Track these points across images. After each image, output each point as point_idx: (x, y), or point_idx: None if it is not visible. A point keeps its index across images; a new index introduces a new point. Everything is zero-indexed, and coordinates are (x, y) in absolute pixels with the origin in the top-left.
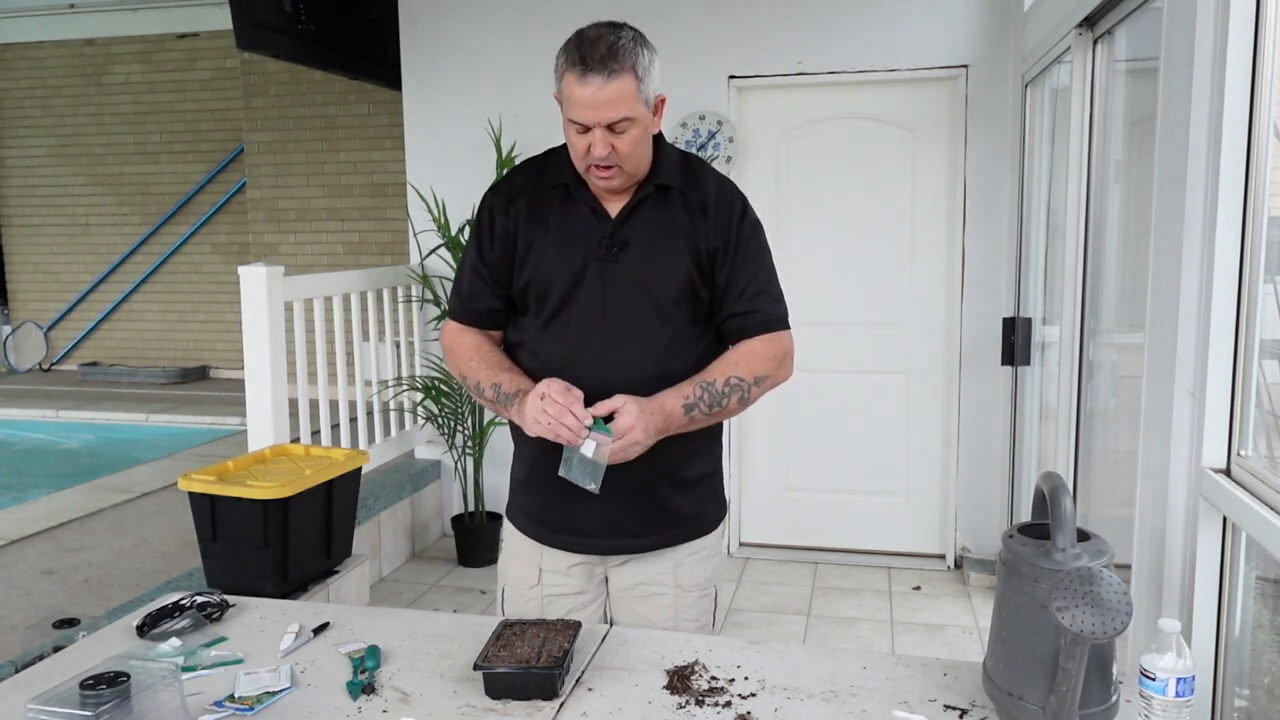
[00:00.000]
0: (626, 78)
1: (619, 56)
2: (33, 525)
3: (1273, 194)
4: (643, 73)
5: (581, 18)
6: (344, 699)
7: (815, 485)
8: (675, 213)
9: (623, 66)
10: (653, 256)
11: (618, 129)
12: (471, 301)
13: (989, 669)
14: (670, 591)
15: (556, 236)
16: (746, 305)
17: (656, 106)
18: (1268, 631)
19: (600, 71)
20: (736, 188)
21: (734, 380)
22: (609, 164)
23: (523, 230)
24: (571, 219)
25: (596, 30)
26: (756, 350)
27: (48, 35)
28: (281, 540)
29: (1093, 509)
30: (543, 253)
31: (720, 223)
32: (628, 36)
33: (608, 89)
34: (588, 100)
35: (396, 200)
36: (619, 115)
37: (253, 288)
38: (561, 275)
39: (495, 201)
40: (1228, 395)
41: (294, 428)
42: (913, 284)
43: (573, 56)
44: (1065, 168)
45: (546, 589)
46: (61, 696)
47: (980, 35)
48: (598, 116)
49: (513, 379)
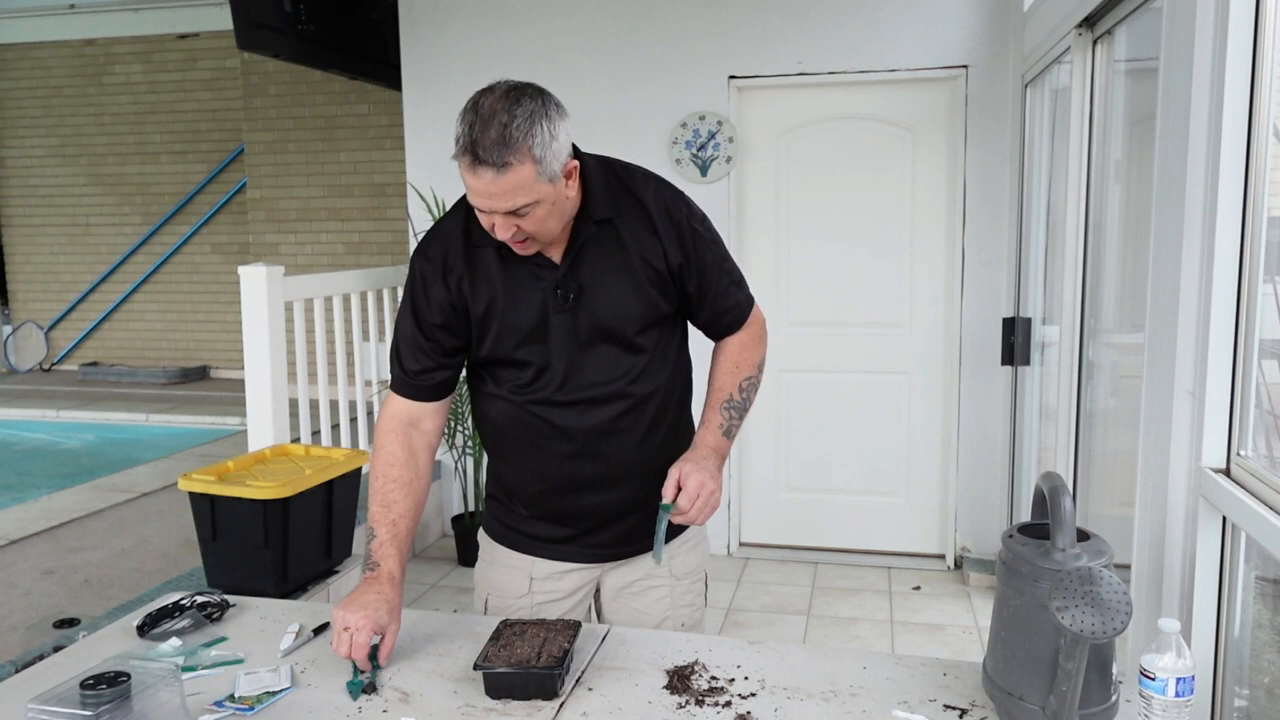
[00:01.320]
0: (522, 166)
1: (511, 144)
2: (33, 525)
3: (1273, 194)
4: (541, 153)
5: (581, 18)
6: (344, 699)
7: (815, 485)
8: (623, 240)
9: (516, 154)
10: (610, 294)
11: (520, 213)
12: (421, 379)
13: (989, 669)
14: (666, 582)
15: (507, 299)
16: (724, 304)
17: (568, 174)
18: (1268, 631)
19: (491, 164)
20: (675, 192)
21: (745, 383)
22: (519, 239)
23: (471, 300)
24: (517, 276)
25: (491, 105)
26: (744, 341)
27: (48, 35)
28: (281, 540)
29: (1093, 509)
30: (500, 317)
31: (673, 237)
32: (524, 114)
33: (500, 181)
34: (480, 190)
35: (396, 200)
36: (517, 204)
37: (253, 288)
38: (526, 334)
39: (428, 271)
40: (1227, 395)
41: (294, 428)
42: (913, 284)
43: (464, 140)
44: (1065, 168)
45: (538, 597)
46: (62, 696)
47: (980, 35)
48: (493, 205)
49: (386, 541)
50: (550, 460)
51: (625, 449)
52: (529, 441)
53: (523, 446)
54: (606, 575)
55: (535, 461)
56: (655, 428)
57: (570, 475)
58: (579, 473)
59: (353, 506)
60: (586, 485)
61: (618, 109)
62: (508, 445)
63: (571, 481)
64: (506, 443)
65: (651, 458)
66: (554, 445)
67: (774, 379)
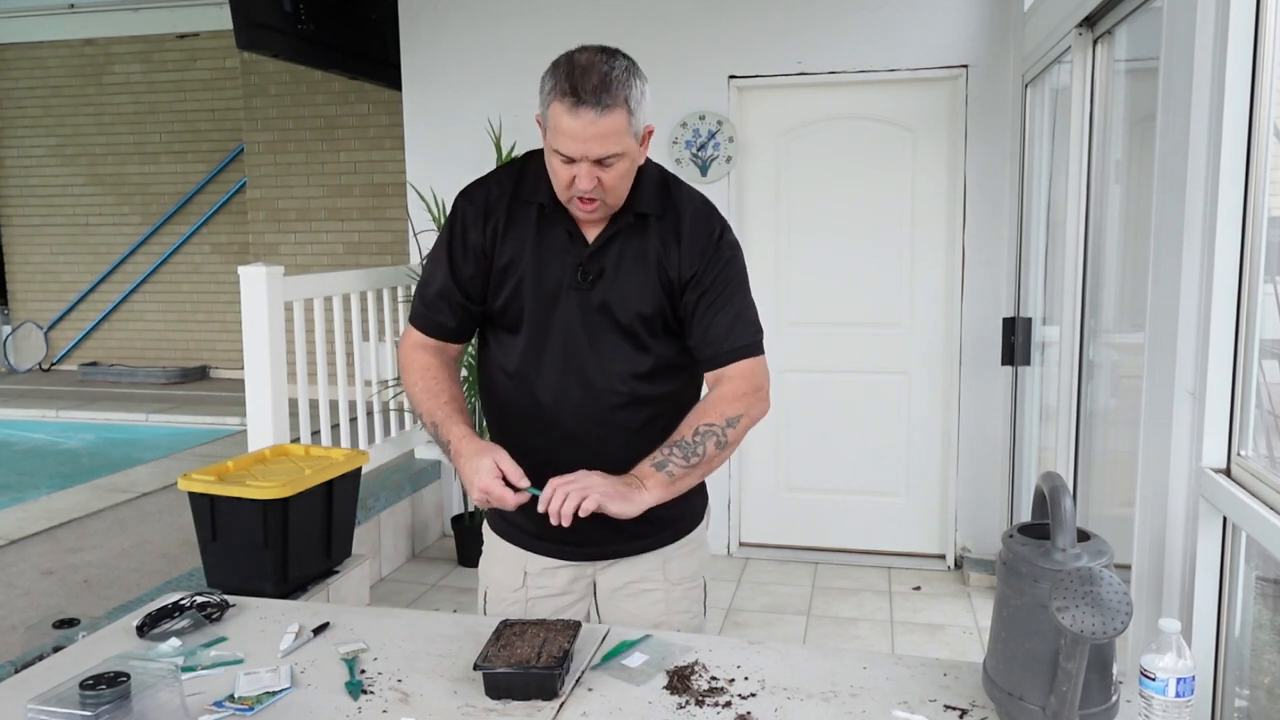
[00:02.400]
0: (619, 112)
1: (612, 89)
2: (33, 525)
3: (1273, 194)
4: (635, 106)
5: (581, 17)
6: (344, 699)
7: (815, 485)
8: (650, 240)
9: (616, 100)
10: (625, 286)
11: (605, 163)
12: (435, 315)
13: (989, 669)
14: (660, 586)
15: (533, 259)
16: (720, 332)
17: (645, 138)
18: (1268, 631)
19: (593, 105)
20: (715, 211)
21: (703, 428)
22: (592, 197)
23: (498, 250)
24: (548, 241)
25: (589, 57)
26: (726, 393)
27: (48, 35)
28: (281, 540)
29: (1093, 509)
30: (520, 276)
31: (694, 250)
32: (621, 67)
33: (600, 123)
34: (577, 133)
35: (396, 200)
36: (609, 151)
37: (253, 288)
38: (537, 301)
39: (469, 213)
40: (1228, 395)
41: (294, 428)
42: (913, 284)
43: (563, 85)
44: (1065, 168)
45: (531, 591)
46: (61, 696)
47: (980, 35)
48: (586, 150)
49: (445, 419)
50: (540, 440)
51: (615, 445)
52: (525, 417)
53: (519, 421)
54: (600, 574)
55: (525, 438)
56: (649, 432)
57: (556, 459)
58: (565, 458)
59: (353, 506)
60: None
61: None
62: (505, 420)
63: (556, 466)
64: (505, 418)
65: (638, 458)
66: (546, 426)
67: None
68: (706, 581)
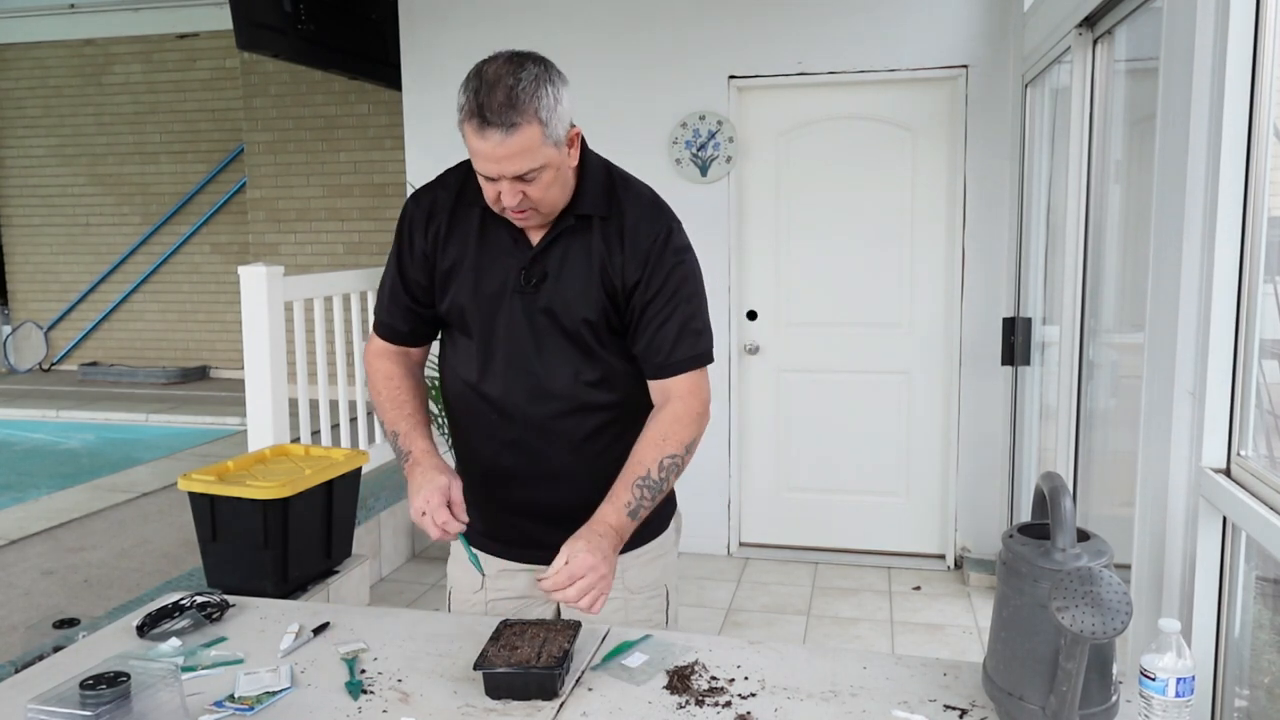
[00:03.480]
0: (530, 127)
1: (519, 106)
2: (33, 525)
3: (1273, 194)
4: (547, 116)
5: (581, 18)
6: (344, 699)
7: (815, 485)
8: (594, 241)
9: (524, 117)
10: (568, 290)
11: (527, 178)
12: (390, 320)
13: (989, 669)
14: (620, 595)
15: (475, 262)
16: (665, 343)
17: (571, 141)
18: (1268, 631)
19: (499, 125)
20: (663, 210)
21: (667, 461)
22: (523, 208)
23: (440, 253)
24: (491, 243)
25: (496, 69)
26: (680, 414)
27: (48, 35)
28: (281, 540)
29: (1093, 509)
30: (461, 280)
31: (638, 255)
32: (530, 77)
33: (509, 143)
34: (488, 154)
35: (396, 200)
36: (525, 167)
37: (253, 288)
38: (481, 304)
39: (415, 216)
40: (1228, 395)
41: (294, 428)
42: (913, 284)
43: (470, 105)
44: (1065, 168)
45: (490, 594)
46: (61, 696)
47: (980, 35)
48: (501, 170)
49: (408, 431)
50: (488, 443)
51: (561, 450)
52: (474, 419)
53: (468, 424)
54: None
55: (475, 440)
56: (596, 437)
57: (504, 464)
58: (512, 463)
59: (353, 506)
60: (516, 477)
61: (618, 109)
62: (457, 420)
63: (504, 471)
64: (456, 418)
65: (586, 465)
66: (494, 429)
67: (774, 379)
68: (670, 590)
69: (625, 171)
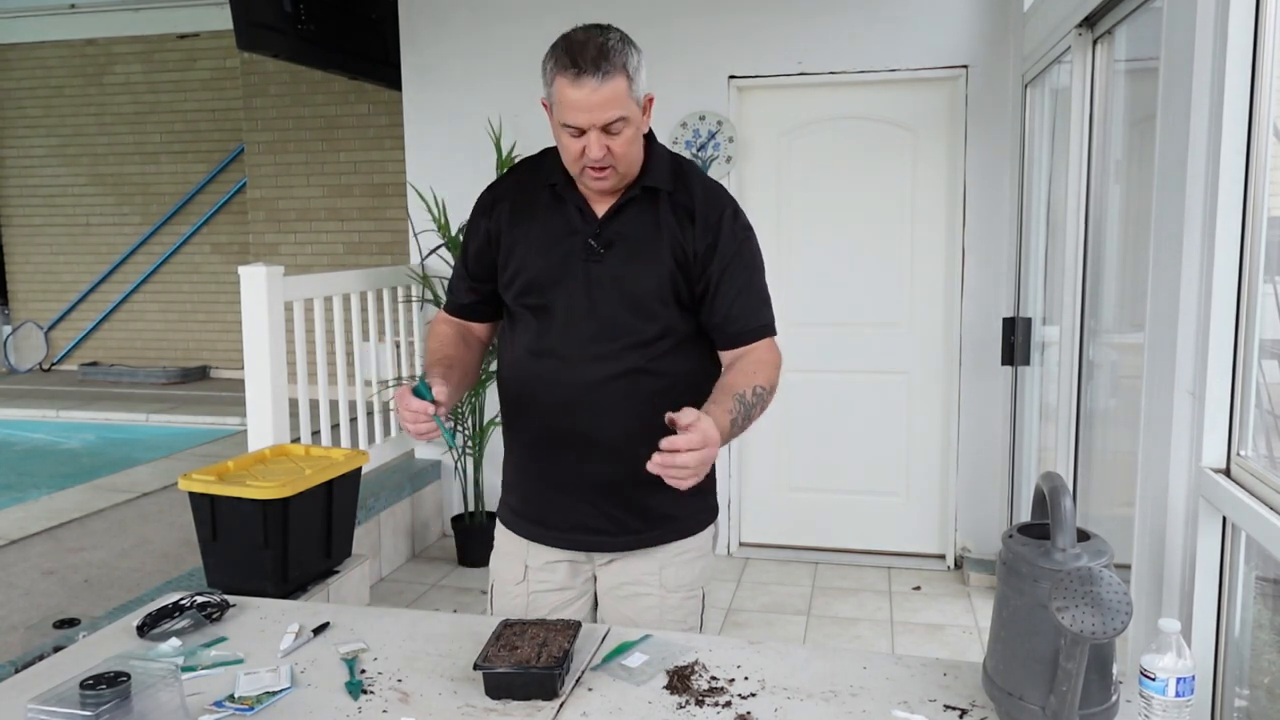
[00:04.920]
0: (619, 78)
1: (610, 57)
2: (33, 525)
3: (1273, 194)
4: (633, 72)
5: (581, 18)
6: (344, 699)
7: (815, 485)
8: (662, 214)
9: (615, 67)
10: (636, 257)
11: (613, 129)
12: (454, 295)
13: (989, 669)
14: (655, 592)
15: (540, 235)
16: (741, 310)
17: (646, 106)
18: (1268, 631)
19: (593, 73)
20: (725, 191)
21: (758, 390)
22: (604, 165)
23: (505, 230)
24: (557, 219)
25: (584, 33)
26: (765, 359)
27: (49, 35)
28: (281, 540)
29: (1093, 509)
30: (526, 251)
31: (707, 226)
32: (616, 37)
33: (602, 90)
34: (582, 103)
35: (396, 200)
36: (614, 115)
37: (253, 288)
38: (545, 272)
39: (485, 200)
40: (1228, 395)
41: (294, 428)
42: (913, 284)
43: (563, 60)
44: (1065, 168)
45: (532, 585)
46: (61, 696)
47: (980, 35)
48: (592, 118)
49: (430, 371)
50: (541, 410)
51: (613, 417)
52: (527, 391)
53: (521, 398)
54: (599, 571)
55: (529, 410)
56: (649, 411)
57: (556, 431)
58: (565, 429)
59: (353, 506)
60: (568, 446)
61: None
62: (511, 399)
63: (555, 439)
64: (510, 396)
65: (636, 437)
66: (548, 395)
67: None
68: (706, 593)
69: (687, 158)
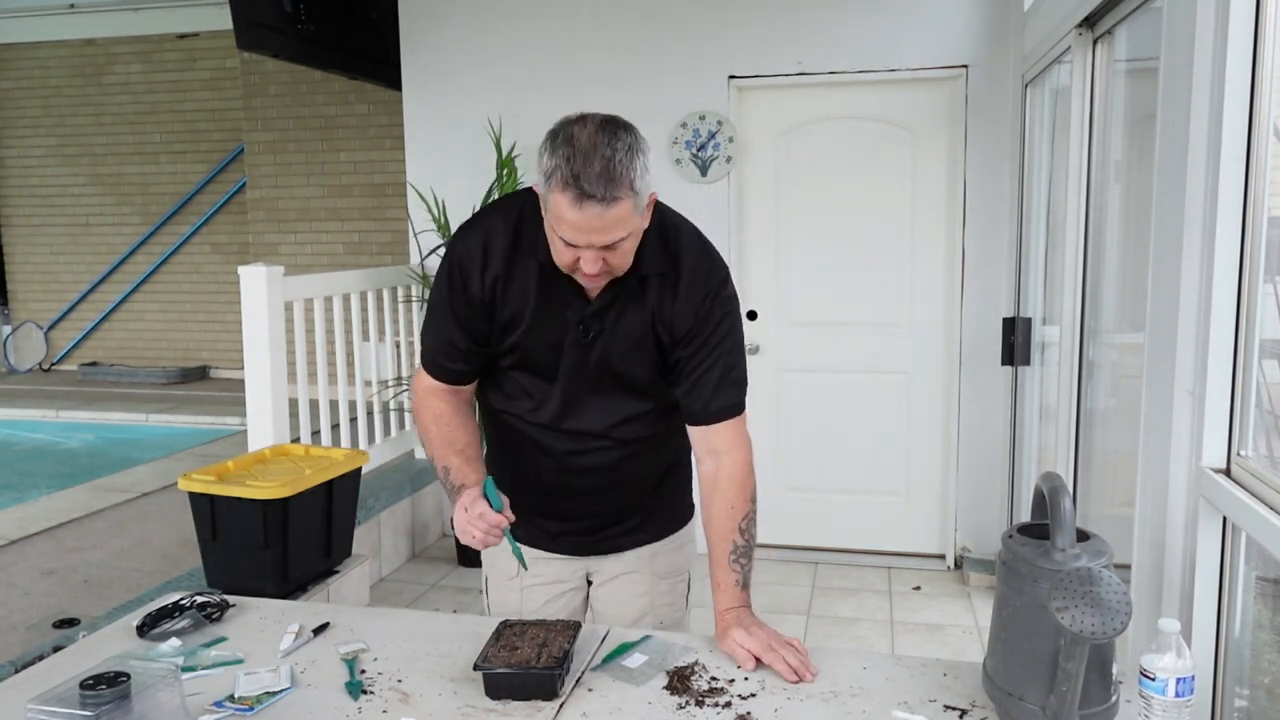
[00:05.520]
0: (625, 201)
1: (617, 179)
2: (33, 525)
3: (1273, 194)
4: (639, 187)
5: (581, 18)
6: (344, 699)
7: (815, 485)
8: (649, 296)
9: (621, 189)
10: (623, 342)
11: (613, 246)
12: (443, 360)
13: (989, 669)
14: (647, 580)
15: (535, 313)
16: (708, 389)
17: (649, 206)
18: (1268, 631)
19: (598, 199)
20: (717, 262)
21: (744, 522)
22: (599, 274)
23: (499, 303)
24: (550, 299)
25: (590, 136)
26: (733, 475)
27: (48, 35)
28: (281, 540)
29: (1093, 509)
30: (521, 330)
31: (690, 305)
32: (624, 147)
33: (605, 216)
34: (582, 226)
35: (396, 200)
36: (615, 238)
37: (253, 288)
38: (540, 350)
39: (468, 263)
40: (1228, 395)
41: (294, 428)
42: (913, 284)
43: (564, 174)
44: (1065, 168)
45: (526, 580)
46: (62, 696)
47: (980, 35)
48: (590, 240)
49: (460, 466)
50: (532, 465)
51: (606, 472)
52: (521, 453)
53: (514, 455)
54: (593, 565)
55: (517, 459)
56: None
57: (547, 484)
58: (555, 484)
59: (353, 506)
60: (566, 494)
61: (618, 109)
62: (502, 450)
63: (546, 490)
64: (501, 448)
65: (632, 477)
66: (542, 461)
67: (774, 379)
68: (691, 576)
69: (670, 211)
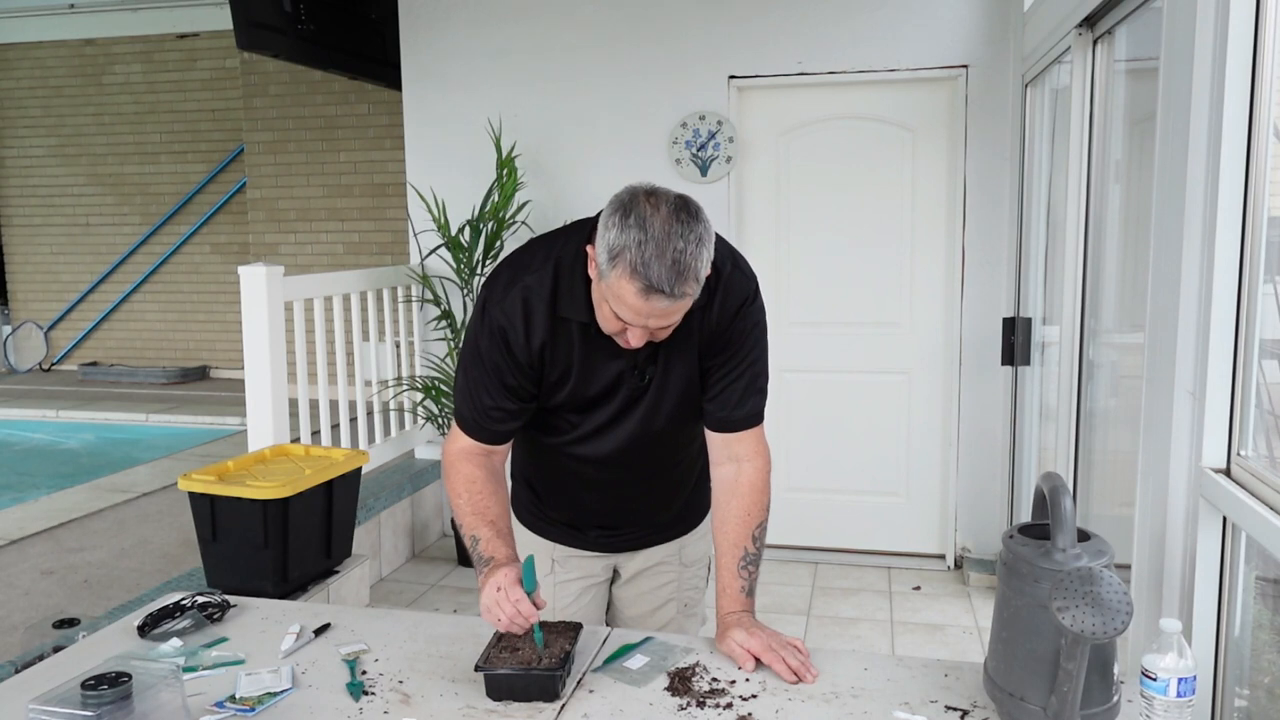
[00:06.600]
0: (690, 295)
1: (685, 275)
2: (33, 525)
3: (1273, 194)
4: (703, 275)
5: (582, 18)
6: (345, 700)
7: (815, 485)
8: (693, 325)
9: (688, 285)
10: (678, 377)
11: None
12: (493, 425)
13: (990, 669)
14: (675, 568)
15: (582, 367)
16: (733, 398)
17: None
18: (1268, 631)
19: (667, 295)
20: (748, 273)
21: (758, 530)
22: (642, 345)
23: (548, 365)
24: (595, 352)
25: (664, 224)
26: (753, 481)
27: (48, 35)
28: (281, 540)
29: (1093, 509)
30: (573, 384)
31: (724, 319)
32: (694, 238)
33: (669, 308)
34: (643, 310)
35: (396, 200)
36: (671, 323)
37: (253, 288)
38: (592, 397)
39: (510, 332)
40: (1228, 395)
41: (294, 428)
42: (913, 284)
43: (633, 260)
44: (1065, 168)
45: (559, 575)
46: (62, 697)
47: (980, 35)
48: (646, 323)
49: (491, 539)
50: (574, 488)
51: (649, 484)
52: (560, 470)
53: (551, 472)
54: (623, 560)
55: (561, 481)
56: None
57: (584, 501)
58: (593, 500)
59: (353, 507)
60: (604, 506)
61: (618, 109)
62: (541, 474)
63: (590, 503)
64: (534, 462)
65: (670, 486)
66: (582, 480)
67: (774, 379)
68: (711, 561)
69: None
